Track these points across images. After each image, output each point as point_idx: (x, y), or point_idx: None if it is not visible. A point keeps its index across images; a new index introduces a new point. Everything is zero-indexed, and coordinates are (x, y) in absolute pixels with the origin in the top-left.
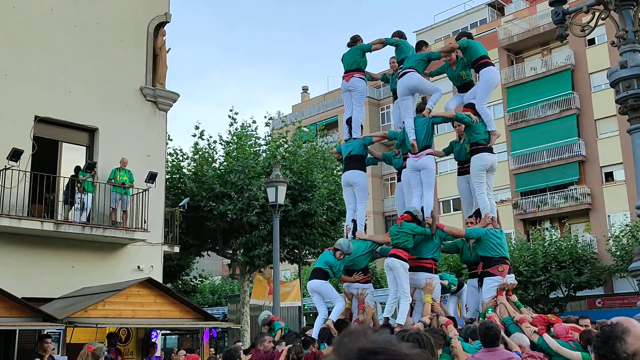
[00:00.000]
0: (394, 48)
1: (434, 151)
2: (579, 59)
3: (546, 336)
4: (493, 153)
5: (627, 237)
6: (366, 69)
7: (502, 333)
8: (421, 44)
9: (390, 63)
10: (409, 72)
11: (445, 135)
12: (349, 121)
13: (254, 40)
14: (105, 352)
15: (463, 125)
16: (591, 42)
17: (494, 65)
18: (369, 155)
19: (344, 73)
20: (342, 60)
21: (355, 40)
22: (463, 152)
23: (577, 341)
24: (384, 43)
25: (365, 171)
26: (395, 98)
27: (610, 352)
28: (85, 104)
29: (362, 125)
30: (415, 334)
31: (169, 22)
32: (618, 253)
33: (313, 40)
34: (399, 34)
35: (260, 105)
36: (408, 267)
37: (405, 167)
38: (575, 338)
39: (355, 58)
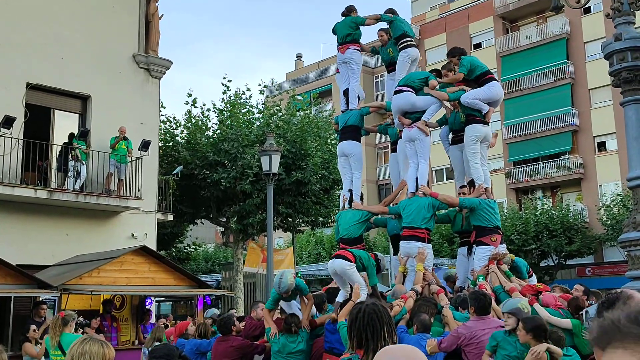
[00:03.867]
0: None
1: (428, 122)
2: (575, 28)
3: (537, 306)
4: (488, 125)
5: (618, 206)
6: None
7: (493, 301)
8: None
9: (379, 36)
10: (406, 91)
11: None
12: (345, 92)
13: (247, 6)
14: (76, 318)
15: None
16: (587, 10)
17: (497, 81)
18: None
19: (339, 45)
20: (334, 30)
21: (349, 11)
22: (458, 120)
23: (565, 309)
24: (378, 19)
25: (360, 142)
26: (388, 70)
27: None
28: (78, 71)
29: (358, 97)
30: (372, 305)
31: None
32: (609, 222)
33: (307, 7)
34: (391, 12)
35: (253, 72)
36: (354, 266)
37: (401, 137)
38: (564, 306)
39: (349, 30)
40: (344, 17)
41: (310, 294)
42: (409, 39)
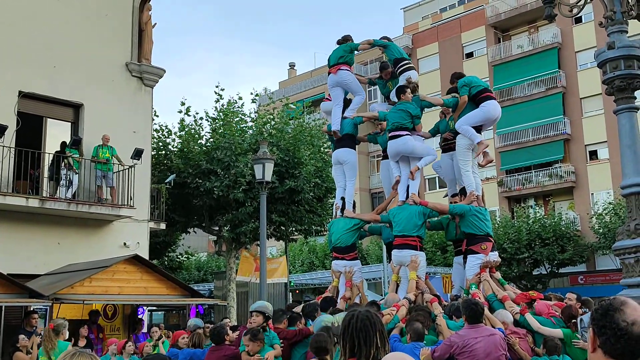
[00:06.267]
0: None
1: (421, 133)
2: (566, 37)
3: (528, 316)
4: (480, 133)
5: (610, 214)
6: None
7: (486, 310)
8: (413, 90)
9: (386, 74)
10: (403, 136)
11: (433, 113)
12: (346, 101)
13: (240, 15)
14: (67, 325)
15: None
16: (578, 20)
17: (495, 99)
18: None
19: (330, 67)
20: (329, 59)
21: (345, 40)
22: (449, 129)
23: (558, 317)
24: (371, 44)
25: (355, 149)
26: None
27: (610, 322)
28: (70, 80)
29: (356, 110)
30: (365, 312)
31: None
32: (601, 231)
33: (299, 16)
34: (386, 38)
35: (246, 81)
36: None
37: None
38: (557, 314)
39: (342, 53)
40: (338, 45)
41: (278, 345)
42: (407, 61)
